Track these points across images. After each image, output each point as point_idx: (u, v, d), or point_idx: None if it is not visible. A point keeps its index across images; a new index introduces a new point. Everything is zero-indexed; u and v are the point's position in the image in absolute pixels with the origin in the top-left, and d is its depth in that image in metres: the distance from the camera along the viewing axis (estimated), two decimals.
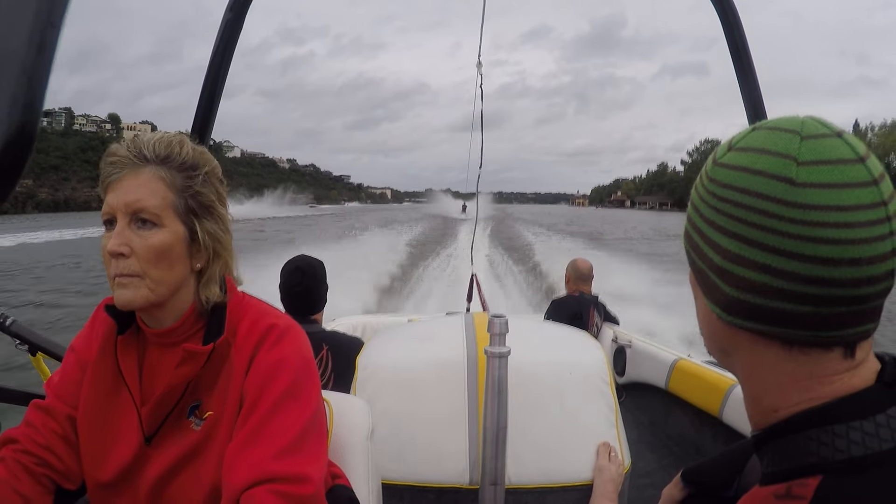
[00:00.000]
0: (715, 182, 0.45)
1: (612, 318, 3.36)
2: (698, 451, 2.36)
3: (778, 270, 0.40)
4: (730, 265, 0.43)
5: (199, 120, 1.50)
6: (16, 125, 0.28)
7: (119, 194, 0.75)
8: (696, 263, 0.47)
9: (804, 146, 0.40)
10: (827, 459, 0.40)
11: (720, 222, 0.43)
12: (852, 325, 0.41)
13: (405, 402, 1.37)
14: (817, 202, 0.39)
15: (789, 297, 0.40)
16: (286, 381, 0.78)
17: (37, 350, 1.51)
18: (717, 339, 0.48)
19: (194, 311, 0.82)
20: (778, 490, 0.42)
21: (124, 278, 0.75)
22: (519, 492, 1.29)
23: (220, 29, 1.50)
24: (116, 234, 0.75)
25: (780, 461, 0.44)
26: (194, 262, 0.80)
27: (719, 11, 1.57)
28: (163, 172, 0.77)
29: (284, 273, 1.88)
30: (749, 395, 0.47)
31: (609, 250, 16.77)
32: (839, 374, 0.42)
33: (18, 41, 0.28)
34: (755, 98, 1.58)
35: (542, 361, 1.43)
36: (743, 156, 0.43)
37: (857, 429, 0.40)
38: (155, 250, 0.75)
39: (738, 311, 0.43)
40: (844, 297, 0.39)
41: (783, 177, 0.40)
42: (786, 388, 0.43)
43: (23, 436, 0.80)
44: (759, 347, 0.44)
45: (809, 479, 0.40)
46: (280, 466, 0.71)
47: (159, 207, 0.76)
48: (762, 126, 0.44)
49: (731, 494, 0.68)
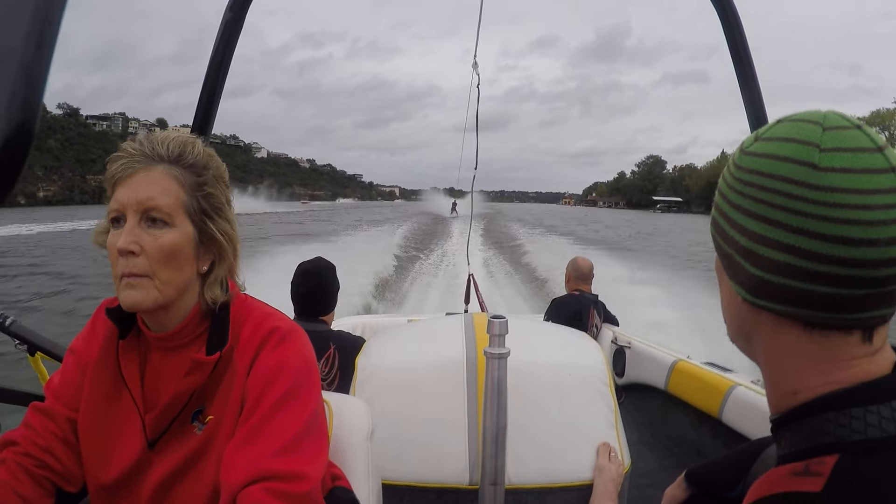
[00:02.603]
0: (742, 169, 0.47)
1: (611, 318, 3.36)
2: (698, 451, 2.36)
3: (801, 250, 0.42)
4: (755, 246, 0.44)
5: (199, 118, 1.50)
6: (15, 122, 0.28)
7: (130, 191, 0.74)
8: (723, 248, 0.49)
9: (826, 135, 0.42)
10: (844, 439, 0.42)
11: (746, 205, 0.45)
12: (871, 308, 0.42)
13: (405, 403, 1.36)
14: (838, 185, 0.40)
15: (812, 278, 0.42)
16: (286, 383, 0.77)
17: (36, 350, 1.51)
18: (740, 321, 0.50)
19: (197, 314, 0.81)
20: (796, 468, 0.43)
21: (133, 279, 0.74)
22: (519, 492, 1.29)
23: (220, 29, 1.50)
24: (127, 231, 0.73)
25: (798, 442, 0.45)
26: (201, 264, 0.80)
27: (720, 14, 1.58)
28: (176, 171, 0.76)
29: (296, 274, 1.91)
30: (769, 379, 0.49)
31: (542, 230, 26.20)
32: (857, 359, 0.43)
33: (17, 38, 0.28)
34: (756, 102, 1.58)
35: (541, 362, 1.43)
36: (768, 144, 0.45)
37: (874, 412, 0.42)
38: (165, 250, 0.74)
39: (763, 292, 0.45)
40: (864, 277, 0.41)
41: (806, 161, 0.42)
42: (806, 372, 0.45)
43: (23, 438, 0.79)
44: (781, 330, 0.46)
45: (827, 457, 0.42)
46: (277, 464, 0.71)
47: (171, 206, 0.75)
48: (787, 119, 0.46)
49: (735, 495, 0.68)
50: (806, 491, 0.41)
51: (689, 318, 5.72)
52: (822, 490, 0.40)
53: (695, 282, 8.33)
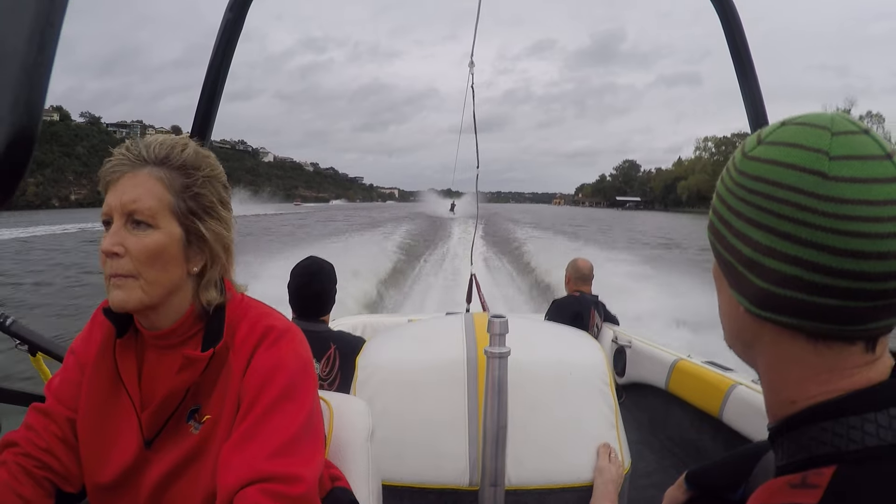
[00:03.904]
0: (745, 175, 0.45)
1: (611, 318, 3.36)
2: (698, 451, 2.36)
3: (810, 263, 0.40)
4: (760, 257, 0.43)
5: (198, 120, 1.50)
6: (17, 125, 0.28)
7: (116, 194, 0.75)
8: (723, 256, 0.47)
9: (835, 142, 0.41)
10: (841, 450, 0.41)
11: (750, 214, 0.43)
12: (878, 320, 0.41)
13: (405, 403, 1.36)
14: (849, 196, 0.39)
15: (820, 291, 0.40)
16: (282, 383, 0.77)
17: (37, 350, 1.51)
18: (740, 331, 0.48)
19: (192, 314, 0.81)
20: (793, 479, 0.42)
21: (119, 279, 0.75)
22: (519, 493, 1.29)
23: (220, 29, 1.50)
24: (111, 233, 0.75)
25: (796, 452, 0.44)
26: (191, 265, 0.80)
27: (721, 15, 1.58)
28: (161, 173, 0.77)
29: (294, 274, 1.89)
30: (768, 387, 0.48)
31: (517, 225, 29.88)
32: (858, 368, 0.43)
33: (18, 41, 0.28)
34: (756, 102, 1.58)
35: (541, 362, 1.42)
36: (774, 149, 0.43)
37: (871, 420, 0.41)
38: (148, 251, 0.75)
39: (768, 304, 0.43)
40: (873, 291, 0.39)
41: (815, 170, 0.40)
42: (806, 381, 0.44)
43: (23, 439, 0.79)
44: (783, 340, 0.44)
45: (824, 468, 0.41)
46: (273, 466, 0.71)
47: (155, 208, 0.76)
48: (791, 121, 0.44)
49: (736, 498, 0.68)
50: (802, 503, 0.40)
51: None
52: (819, 503, 0.39)
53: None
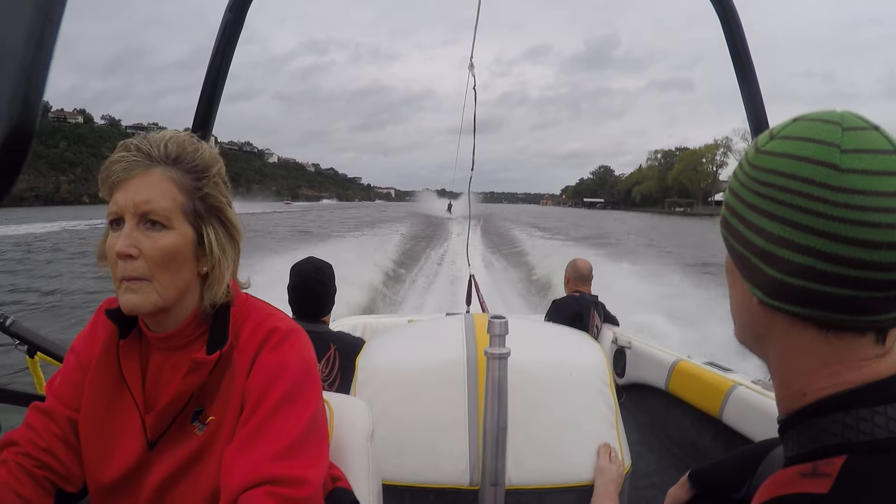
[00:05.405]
0: (758, 168, 0.46)
1: (611, 318, 3.36)
2: (699, 451, 2.36)
3: (822, 253, 0.41)
4: (774, 248, 0.44)
5: (199, 119, 1.50)
6: (15, 122, 0.28)
7: (128, 194, 0.74)
8: (736, 248, 0.48)
9: (846, 136, 0.42)
10: (852, 441, 0.42)
11: (764, 206, 0.44)
12: (888, 311, 0.42)
13: (405, 403, 1.36)
14: (860, 187, 0.40)
15: (832, 281, 0.41)
16: (286, 385, 0.77)
17: (36, 351, 1.50)
18: (753, 322, 0.49)
19: (198, 315, 0.81)
20: (804, 469, 0.43)
21: (133, 283, 0.74)
22: (519, 493, 1.29)
23: (220, 29, 1.50)
24: (125, 234, 0.73)
25: (806, 443, 0.45)
26: (201, 266, 0.79)
27: (720, 15, 1.58)
28: (173, 173, 0.76)
29: (293, 275, 1.87)
30: (779, 379, 0.49)
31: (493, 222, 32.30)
32: (868, 360, 0.44)
33: (16, 38, 0.28)
34: (756, 102, 1.58)
35: (541, 362, 1.42)
36: (787, 143, 0.45)
37: (881, 413, 0.42)
38: (164, 252, 0.74)
39: (780, 294, 0.44)
40: (883, 280, 0.40)
41: (828, 163, 0.41)
42: (816, 373, 0.45)
43: (23, 438, 0.79)
44: (795, 331, 0.45)
45: (834, 458, 0.42)
46: (278, 468, 0.71)
47: (169, 209, 0.75)
48: (803, 118, 0.46)
49: (740, 496, 0.68)
50: (813, 493, 0.41)
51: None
52: (830, 491, 0.40)
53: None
